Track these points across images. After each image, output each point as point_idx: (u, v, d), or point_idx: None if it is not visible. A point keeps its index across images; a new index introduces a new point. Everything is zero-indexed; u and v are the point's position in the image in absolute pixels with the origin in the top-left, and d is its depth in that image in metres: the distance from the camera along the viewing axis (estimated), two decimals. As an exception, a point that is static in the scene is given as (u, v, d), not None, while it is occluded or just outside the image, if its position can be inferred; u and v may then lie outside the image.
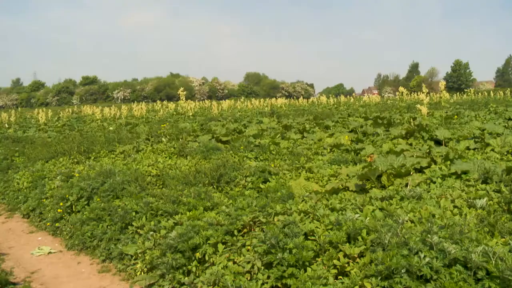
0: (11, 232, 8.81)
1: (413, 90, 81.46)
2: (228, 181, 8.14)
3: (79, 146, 12.91)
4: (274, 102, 53.90)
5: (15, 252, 7.60)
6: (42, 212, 9.12)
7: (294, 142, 12.81)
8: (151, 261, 5.58)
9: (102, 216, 7.17)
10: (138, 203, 6.91)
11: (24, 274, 6.56)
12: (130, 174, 8.50)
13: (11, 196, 10.79)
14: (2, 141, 18.58)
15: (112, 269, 6.49)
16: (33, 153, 13.60)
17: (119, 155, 11.89)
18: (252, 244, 4.93)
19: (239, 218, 5.48)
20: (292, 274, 4.35)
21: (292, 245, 4.50)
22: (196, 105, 46.75)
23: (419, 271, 3.66)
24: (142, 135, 14.61)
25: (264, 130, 15.71)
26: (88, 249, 7.20)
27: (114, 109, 39.43)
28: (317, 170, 8.79)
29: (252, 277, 4.64)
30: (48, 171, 10.81)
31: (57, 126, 28.55)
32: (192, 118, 25.12)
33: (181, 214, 6.24)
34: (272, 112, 30.42)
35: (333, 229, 4.77)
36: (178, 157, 10.92)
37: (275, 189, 7.31)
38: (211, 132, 14.42)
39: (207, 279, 4.81)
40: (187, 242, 5.27)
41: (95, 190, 8.13)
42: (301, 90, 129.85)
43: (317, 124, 16.94)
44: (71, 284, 6.14)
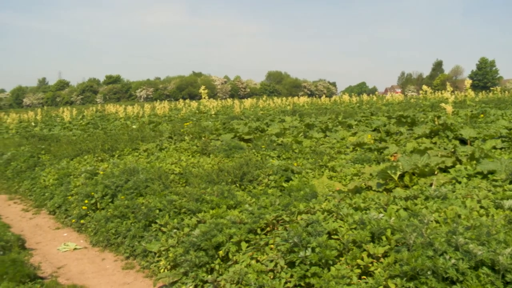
0: (38, 228, 8.97)
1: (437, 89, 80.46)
2: (251, 180, 8.14)
3: (103, 144, 13.07)
4: (296, 100, 53.79)
5: (42, 248, 7.74)
6: (67, 209, 9.26)
7: (316, 141, 12.76)
8: (174, 259, 5.61)
9: (126, 214, 7.25)
10: (162, 201, 6.96)
11: (51, 269, 6.68)
12: (154, 172, 8.56)
13: (38, 193, 10.99)
14: (29, 139, 18.92)
15: (135, 266, 6.56)
16: (59, 151, 13.81)
17: (142, 153, 11.99)
18: (275, 243, 4.91)
19: (262, 217, 5.47)
20: (315, 273, 4.33)
21: (316, 244, 4.48)
22: (218, 103, 46.91)
23: (445, 272, 3.60)
24: (165, 133, 14.71)
25: (286, 129, 15.67)
26: (112, 246, 7.29)
27: (137, 108, 39.89)
28: (340, 169, 8.74)
29: (275, 275, 4.63)
30: (73, 168, 10.96)
31: (82, 125, 28.95)
32: (214, 117, 25.22)
33: (204, 212, 6.26)
34: (294, 110, 30.36)
35: (357, 228, 4.72)
36: (201, 156, 10.96)
37: (298, 187, 7.29)
38: (234, 131, 14.44)
39: (230, 277, 4.81)
40: (210, 240, 5.28)
41: (119, 187, 8.22)
42: (323, 89, 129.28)
43: (340, 123, 16.84)
44: (96, 280, 6.23)
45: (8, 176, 13.57)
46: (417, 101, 38.88)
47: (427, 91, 27.31)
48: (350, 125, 16.01)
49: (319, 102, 55.32)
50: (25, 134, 22.60)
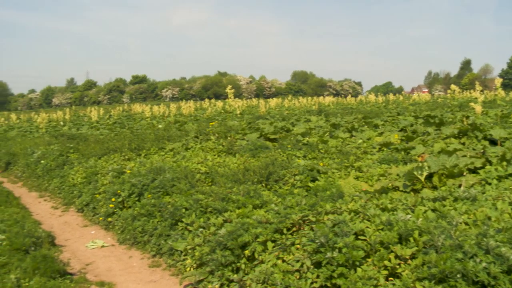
0: (67, 225, 9.13)
1: (465, 88, 78.98)
2: (276, 180, 8.14)
3: (130, 144, 13.22)
4: (321, 100, 53.47)
5: (71, 244, 7.88)
6: (95, 207, 9.41)
7: (342, 141, 12.68)
8: (200, 258, 5.64)
9: (152, 212, 7.32)
10: (188, 200, 7.00)
11: (79, 265, 6.79)
12: (180, 171, 8.62)
13: (66, 191, 11.18)
14: (58, 138, 19.26)
15: (162, 264, 6.62)
16: (87, 149, 14.01)
17: (168, 152, 12.09)
18: (301, 243, 4.90)
19: (288, 217, 5.46)
20: (341, 274, 4.30)
21: (342, 245, 4.45)
22: (243, 103, 46.99)
23: (475, 276, 3.54)
24: (191, 133, 14.80)
25: (312, 129, 15.61)
26: (139, 244, 7.37)
27: (163, 107, 40.23)
28: (366, 169, 8.67)
29: (301, 276, 4.62)
30: (101, 167, 11.11)
31: (109, 124, 29.35)
32: (239, 116, 25.26)
33: (230, 212, 6.28)
34: (320, 110, 30.24)
35: (384, 229, 4.68)
36: (226, 155, 11.00)
37: (324, 188, 7.26)
38: (259, 130, 14.44)
39: (256, 277, 4.82)
40: (236, 240, 5.30)
41: (145, 186, 8.30)
42: (348, 89, 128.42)
43: (366, 123, 16.69)
44: (123, 277, 6.31)
45: (38, 174, 13.84)
46: (445, 101, 38.28)
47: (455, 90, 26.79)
48: (376, 125, 15.87)
49: (344, 102, 54.92)
50: (54, 133, 22.99)
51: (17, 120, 45.62)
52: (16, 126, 36.61)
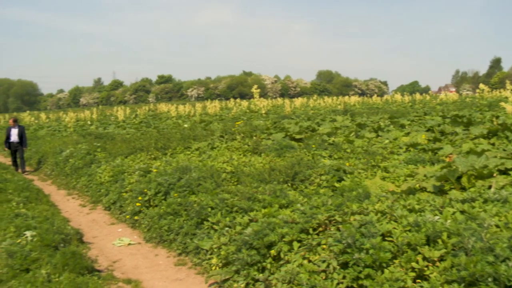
0: (94, 223, 9.26)
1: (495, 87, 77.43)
2: (302, 179, 8.11)
3: (156, 143, 13.33)
4: (347, 100, 53.12)
5: (99, 242, 7.99)
6: (122, 205, 9.51)
7: (368, 141, 12.58)
8: (226, 257, 5.66)
9: (178, 211, 7.36)
10: (214, 199, 7.03)
11: (106, 263, 6.88)
12: (206, 171, 8.66)
13: (94, 189, 11.34)
14: (85, 137, 19.54)
15: (188, 262, 6.66)
16: (113, 148, 14.18)
17: (194, 151, 12.15)
18: (327, 243, 4.88)
19: (314, 217, 5.44)
20: (368, 275, 4.27)
21: (369, 246, 4.42)
22: (268, 103, 46.99)
23: (508, 280, 3.46)
24: (217, 132, 14.87)
25: (337, 129, 15.52)
26: (165, 242, 7.43)
27: (189, 107, 40.52)
28: (393, 170, 8.58)
29: (327, 276, 4.59)
30: (127, 166, 11.22)
31: (135, 123, 29.66)
32: (265, 116, 25.25)
33: (256, 211, 6.28)
34: (345, 110, 30.05)
35: (411, 230, 4.62)
36: (252, 155, 11.00)
37: (350, 188, 7.21)
38: (284, 130, 14.42)
39: (282, 277, 4.81)
40: (262, 239, 5.30)
41: (172, 185, 8.36)
42: (374, 88, 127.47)
43: (392, 123, 16.52)
44: (149, 275, 6.37)
45: (66, 172, 14.06)
46: (473, 100, 37.62)
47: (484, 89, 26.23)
48: (402, 125, 15.69)
49: (370, 102, 54.42)
50: (82, 132, 23.31)
51: (46, 119, 46.49)
52: (45, 125, 37.28)
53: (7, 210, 9.00)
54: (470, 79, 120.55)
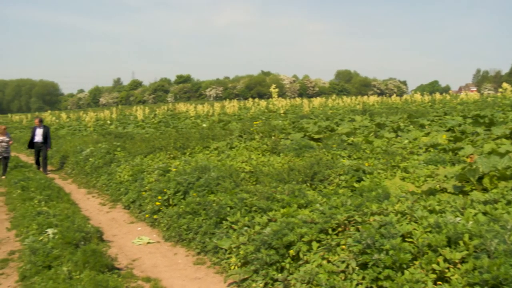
0: (114, 221, 9.34)
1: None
2: (321, 179, 8.08)
3: (175, 142, 13.38)
4: (366, 100, 52.78)
5: (118, 240, 8.05)
6: (141, 204, 9.57)
7: (388, 141, 12.49)
8: (245, 256, 5.67)
9: (197, 210, 7.39)
10: (233, 199, 7.04)
11: (126, 261, 6.93)
12: (225, 170, 8.68)
13: (113, 188, 11.44)
14: (105, 137, 19.70)
15: (206, 261, 6.68)
16: (133, 148, 14.28)
17: (213, 151, 12.18)
18: (347, 244, 4.86)
19: (333, 217, 5.42)
20: (388, 276, 4.24)
21: (389, 246, 4.38)
22: (287, 102, 46.93)
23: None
24: (235, 132, 14.87)
25: (356, 128, 15.45)
26: (184, 241, 7.46)
27: (207, 107, 40.64)
28: (412, 170, 8.49)
29: (347, 277, 4.57)
30: (147, 165, 11.29)
31: (154, 123, 29.86)
32: (283, 116, 25.22)
33: (275, 211, 6.27)
34: (364, 110, 29.87)
35: (432, 231, 4.58)
36: (271, 154, 10.99)
37: (370, 188, 7.15)
38: (303, 130, 14.40)
39: (301, 277, 4.80)
40: (281, 239, 5.30)
41: (191, 184, 8.39)
42: (393, 88, 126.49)
43: (412, 123, 16.39)
44: (168, 273, 6.40)
45: (87, 171, 14.21)
46: (495, 100, 37.07)
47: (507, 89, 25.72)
48: (422, 125, 15.55)
49: (389, 101, 54.01)
50: (102, 132, 23.52)
51: (67, 119, 47.11)
52: (66, 125, 37.77)
53: (29, 208, 9.16)
54: (491, 78, 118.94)
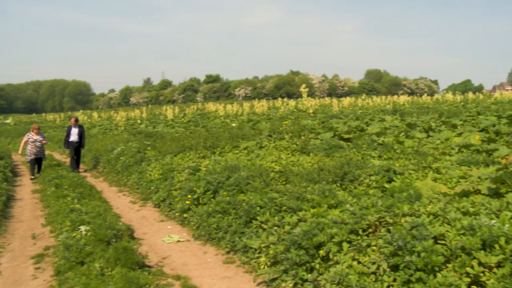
0: (144, 220, 9.45)
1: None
2: (351, 180, 8.01)
3: (205, 142, 13.45)
4: (396, 99, 52.11)
5: (149, 238, 8.15)
6: (171, 203, 9.66)
7: (419, 141, 12.31)
8: (274, 256, 5.67)
9: (227, 210, 7.42)
10: (262, 198, 7.04)
11: (156, 258, 7.01)
12: (255, 170, 8.69)
13: (144, 187, 11.57)
14: (136, 136, 19.93)
15: (236, 261, 6.70)
16: (163, 147, 14.40)
17: (242, 150, 12.20)
18: (377, 245, 4.81)
19: (364, 217, 5.36)
20: (420, 278, 4.18)
21: (421, 248, 4.32)
22: (316, 102, 46.74)
23: None
24: (265, 131, 14.86)
25: (387, 128, 15.26)
26: (213, 240, 7.49)
27: (236, 106, 40.74)
28: (445, 171, 8.35)
29: (377, 278, 4.53)
30: (177, 164, 11.37)
31: (183, 122, 30.09)
32: (312, 116, 25.13)
33: (305, 211, 6.25)
34: (394, 109, 29.52)
35: (465, 234, 4.49)
36: (300, 154, 10.96)
37: (401, 189, 7.06)
38: (333, 130, 14.30)
39: (331, 277, 4.78)
40: (311, 239, 5.28)
41: (220, 184, 8.43)
42: (424, 87, 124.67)
43: (443, 123, 16.11)
44: (198, 272, 6.44)
45: (118, 170, 14.41)
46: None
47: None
48: (454, 125, 15.27)
49: (420, 101, 53.18)
50: (132, 131, 23.80)
51: (98, 118, 47.95)
52: (97, 124, 38.40)
53: (63, 205, 9.37)
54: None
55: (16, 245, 7.97)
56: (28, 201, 11.65)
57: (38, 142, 15.30)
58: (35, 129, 15.48)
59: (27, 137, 15.43)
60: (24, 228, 9.06)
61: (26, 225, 9.25)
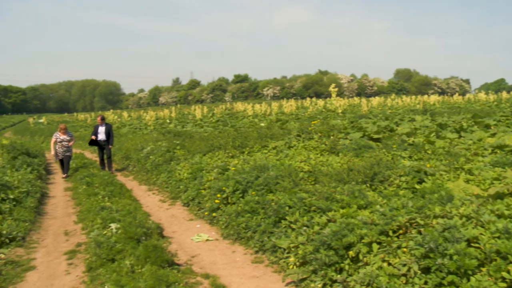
0: (174, 218, 9.52)
1: None
2: (381, 180, 7.92)
3: (234, 141, 13.48)
4: (426, 99, 51.35)
5: (178, 237, 8.20)
6: (200, 202, 9.70)
7: (450, 142, 12.10)
8: (303, 256, 5.64)
9: (256, 209, 7.42)
10: (292, 198, 7.02)
11: (185, 257, 7.05)
12: (283, 170, 8.67)
13: (173, 185, 11.66)
14: (165, 135, 20.10)
15: (264, 260, 6.69)
16: (192, 146, 14.49)
17: (271, 150, 12.19)
18: (408, 246, 4.74)
19: (394, 219, 5.30)
20: (452, 282, 4.11)
21: (453, 251, 4.25)
22: (345, 102, 46.43)
23: None
24: (293, 131, 14.82)
25: (417, 129, 15.05)
26: (242, 239, 7.50)
27: (265, 106, 40.77)
28: (477, 172, 8.18)
29: (408, 280, 4.47)
30: (206, 163, 11.42)
31: (212, 122, 30.25)
32: (341, 115, 24.97)
33: (334, 211, 6.21)
34: (425, 109, 29.10)
35: (500, 237, 4.39)
36: (329, 154, 10.89)
37: (432, 190, 6.95)
38: (362, 130, 14.18)
39: (361, 279, 4.74)
40: (341, 240, 5.24)
41: (249, 183, 8.44)
42: (455, 87, 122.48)
43: (476, 123, 15.80)
44: (226, 271, 6.45)
45: (147, 168, 14.56)
46: None
47: None
48: (487, 125, 14.96)
49: (451, 101, 52.30)
50: (161, 130, 24.01)
51: (128, 117, 48.59)
52: (127, 124, 38.90)
53: (94, 203, 9.52)
54: None
55: (50, 241, 8.15)
56: (61, 199, 11.89)
57: (64, 141, 15.30)
58: (61, 129, 15.49)
59: (55, 137, 15.47)
60: (57, 224, 9.25)
61: (59, 222, 9.44)
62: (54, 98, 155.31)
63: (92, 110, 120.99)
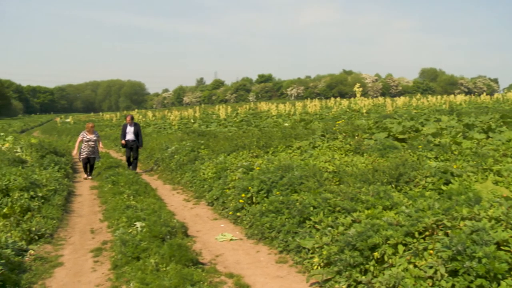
0: (198, 218, 9.57)
1: None
2: (407, 181, 7.84)
3: (258, 141, 13.48)
4: (452, 99, 50.62)
5: (202, 236, 8.24)
6: (224, 201, 9.73)
7: (477, 142, 11.89)
8: (328, 257, 5.61)
9: (280, 209, 7.40)
10: (316, 198, 6.99)
11: (209, 256, 7.08)
12: (308, 170, 8.64)
13: (197, 185, 11.71)
14: (189, 135, 20.19)
15: (289, 260, 6.68)
16: (216, 146, 14.54)
17: (295, 150, 12.16)
18: (435, 248, 4.67)
19: (420, 220, 5.23)
20: (481, 286, 4.03)
21: (482, 254, 4.17)
22: (369, 102, 46.08)
23: None
24: (318, 131, 14.76)
25: (443, 129, 14.84)
26: (266, 239, 7.50)
27: (289, 106, 40.72)
28: (507, 174, 8.02)
29: (434, 283, 4.41)
30: (230, 163, 11.44)
31: (236, 122, 30.33)
32: (366, 115, 24.78)
33: (359, 212, 6.16)
34: (451, 109, 28.68)
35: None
36: (354, 154, 10.81)
37: (459, 191, 6.84)
38: (387, 130, 14.04)
39: (386, 280, 4.69)
40: (366, 241, 5.19)
41: (274, 183, 8.43)
42: (482, 86, 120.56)
43: (505, 123, 15.49)
44: (250, 270, 6.45)
45: (172, 168, 14.65)
46: None
47: None
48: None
49: (478, 101, 51.50)
50: (186, 130, 24.12)
51: (153, 117, 49.04)
52: (152, 123, 39.27)
53: (119, 202, 9.63)
54: None
55: (76, 238, 8.28)
56: (87, 197, 12.06)
57: (91, 141, 14.98)
58: (89, 128, 15.18)
59: (82, 136, 15.12)
60: (84, 222, 9.38)
61: (85, 220, 9.58)
62: (80, 98, 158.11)
63: (118, 110, 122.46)
